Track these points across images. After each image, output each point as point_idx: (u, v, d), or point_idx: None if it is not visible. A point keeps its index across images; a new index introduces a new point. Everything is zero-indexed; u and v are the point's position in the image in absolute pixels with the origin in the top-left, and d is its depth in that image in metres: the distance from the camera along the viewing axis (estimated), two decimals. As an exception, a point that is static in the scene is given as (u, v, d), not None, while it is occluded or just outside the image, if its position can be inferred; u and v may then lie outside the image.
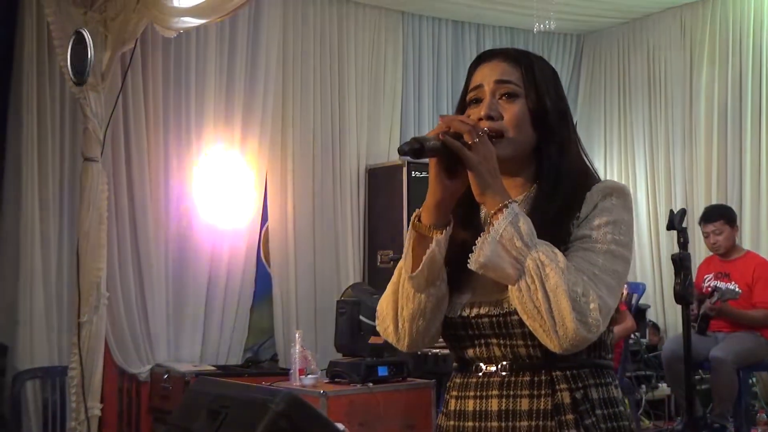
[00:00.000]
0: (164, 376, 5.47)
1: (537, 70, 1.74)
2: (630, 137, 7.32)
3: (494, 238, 1.52)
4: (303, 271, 6.32)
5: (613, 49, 7.51)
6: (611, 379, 1.67)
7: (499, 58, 1.75)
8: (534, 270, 1.51)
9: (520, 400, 1.62)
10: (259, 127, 6.18)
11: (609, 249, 1.58)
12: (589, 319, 1.50)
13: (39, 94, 5.33)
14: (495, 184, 1.57)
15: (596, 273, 1.55)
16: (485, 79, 1.72)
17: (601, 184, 1.66)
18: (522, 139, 1.68)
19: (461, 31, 7.23)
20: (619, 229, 1.61)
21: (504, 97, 1.70)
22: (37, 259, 5.26)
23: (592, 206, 1.63)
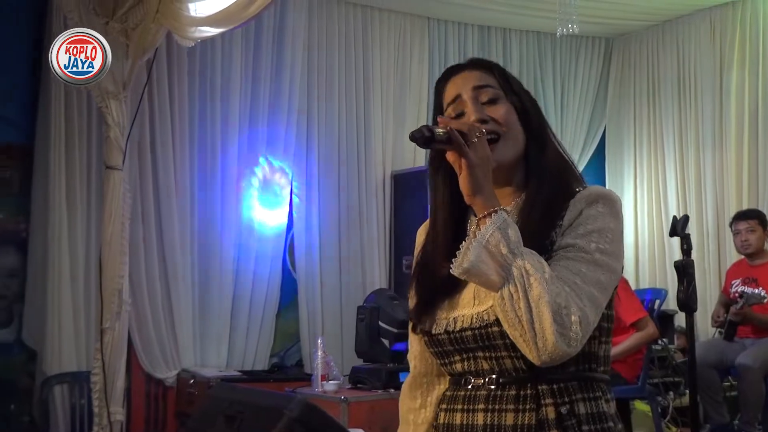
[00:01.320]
0: (190, 381, 5.52)
1: (506, 74, 1.74)
2: (660, 140, 7.24)
3: (480, 242, 1.49)
4: (328, 277, 6.34)
5: (642, 52, 7.43)
6: (602, 393, 1.63)
7: (468, 68, 1.73)
8: (518, 279, 1.48)
9: (505, 415, 1.58)
10: (284, 133, 6.22)
11: (593, 258, 1.55)
12: (570, 332, 1.47)
13: (66, 102, 5.41)
14: (487, 187, 1.55)
15: (578, 283, 1.52)
16: (462, 89, 1.70)
17: (587, 191, 1.63)
18: (517, 137, 1.68)
19: (487, 36, 7.21)
20: (604, 238, 1.58)
21: (487, 103, 1.68)
22: (65, 266, 5.34)
23: (577, 213, 1.60)
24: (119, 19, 4.51)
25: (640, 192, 7.36)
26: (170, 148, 5.76)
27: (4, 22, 5.39)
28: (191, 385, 5.49)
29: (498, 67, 1.75)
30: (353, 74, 6.57)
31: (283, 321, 6.25)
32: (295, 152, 6.29)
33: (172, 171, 5.76)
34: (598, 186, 1.67)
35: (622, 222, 1.64)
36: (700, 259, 6.76)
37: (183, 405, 5.56)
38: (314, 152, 6.37)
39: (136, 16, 4.44)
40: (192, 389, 5.46)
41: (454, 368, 1.68)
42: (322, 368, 4.99)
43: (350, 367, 5.25)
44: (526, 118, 1.69)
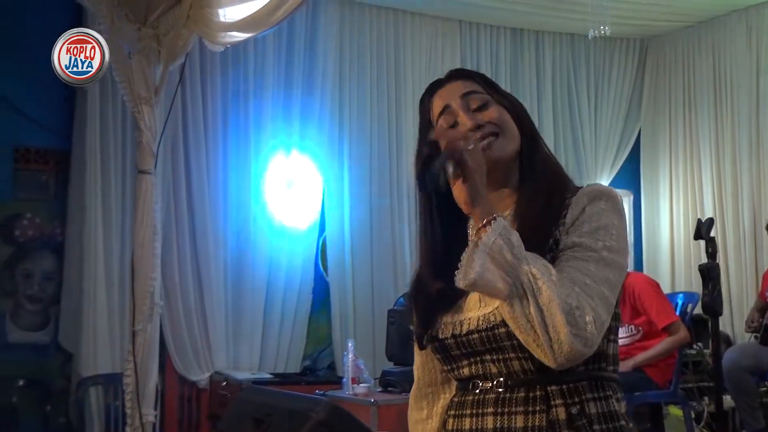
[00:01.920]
0: (222, 384, 5.56)
1: (489, 79, 1.75)
2: (696, 143, 7.16)
3: (483, 250, 1.47)
4: (360, 280, 6.36)
5: (678, 54, 7.36)
6: (612, 392, 1.61)
7: (451, 80, 1.74)
8: (526, 284, 1.47)
9: (515, 417, 1.57)
10: (316, 136, 6.26)
11: (601, 257, 1.54)
12: (586, 333, 1.45)
13: (102, 108, 5.50)
14: (485, 196, 1.55)
15: (588, 283, 1.50)
16: (450, 99, 1.69)
17: (588, 188, 1.63)
18: (514, 135, 1.68)
19: (520, 39, 7.18)
20: (610, 235, 1.56)
21: (477, 109, 1.67)
22: (100, 269, 5.42)
23: (579, 211, 1.59)
24: (151, 25, 4.55)
25: (676, 195, 7.29)
26: (203, 151, 5.83)
27: (40, 30, 5.47)
28: (224, 388, 5.53)
29: (479, 74, 1.76)
30: (385, 78, 6.59)
31: (315, 324, 6.28)
32: (327, 155, 6.32)
33: (205, 174, 5.82)
34: (598, 184, 1.67)
35: (625, 218, 1.63)
36: (737, 262, 6.69)
37: (215, 407, 5.61)
38: (346, 155, 6.40)
39: (168, 21, 4.48)
40: (224, 391, 5.50)
41: (462, 373, 1.68)
42: (352, 371, 5.01)
43: (381, 370, 5.27)
44: (518, 119, 1.70)
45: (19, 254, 5.48)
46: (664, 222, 7.35)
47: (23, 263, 5.48)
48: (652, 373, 4.85)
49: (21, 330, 5.44)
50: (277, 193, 6.13)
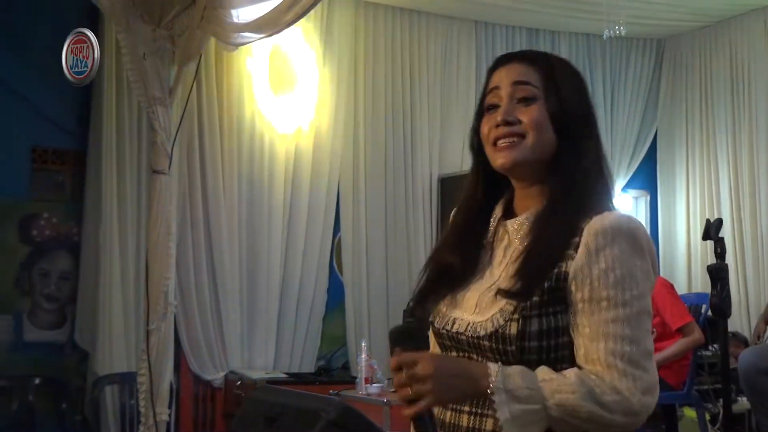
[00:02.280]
0: (237, 383, 5.58)
1: (558, 72, 1.67)
2: (713, 143, 7.12)
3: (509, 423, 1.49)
4: (375, 280, 6.37)
5: (695, 54, 7.32)
6: None
7: (516, 61, 1.69)
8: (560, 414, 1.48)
9: (486, 420, 1.57)
10: (331, 136, 6.26)
11: (632, 313, 1.52)
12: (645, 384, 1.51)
13: (117, 109, 5.54)
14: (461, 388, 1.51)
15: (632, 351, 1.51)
16: (502, 82, 1.66)
17: (599, 223, 1.56)
18: (542, 141, 1.63)
19: (535, 39, 7.16)
20: (635, 282, 1.53)
21: (521, 101, 1.64)
22: (116, 269, 5.46)
23: (594, 250, 1.54)
24: (166, 26, 4.58)
25: (693, 195, 7.25)
26: (218, 152, 5.85)
27: (57, 31, 5.51)
28: (238, 387, 5.55)
29: (546, 62, 1.69)
30: (399, 78, 6.59)
31: (329, 324, 6.30)
32: (342, 155, 6.33)
33: (221, 175, 5.84)
34: (614, 216, 1.58)
35: (646, 255, 1.58)
36: (754, 263, 6.65)
37: (230, 406, 5.63)
38: (360, 155, 6.40)
39: (182, 23, 4.52)
40: (239, 391, 5.52)
41: None
42: (366, 371, 5.02)
43: (395, 371, 5.27)
44: (562, 124, 1.64)
45: (36, 254, 5.53)
46: (680, 222, 7.32)
47: (40, 263, 5.53)
48: (666, 374, 4.82)
49: (37, 329, 5.49)
50: (291, 194, 6.13)
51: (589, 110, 1.69)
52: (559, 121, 1.64)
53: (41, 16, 5.43)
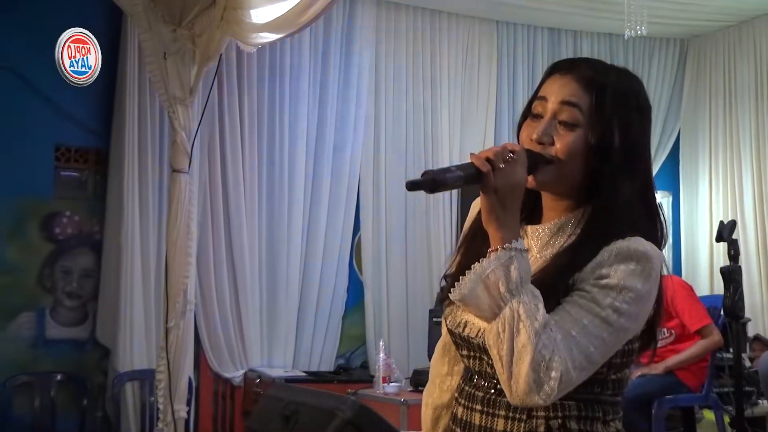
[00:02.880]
0: (256, 381, 5.61)
1: (610, 95, 1.58)
2: (736, 144, 7.06)
3: (479, 276, 1.46)
4: (395, 280, 6.38)
5: (718, 54, 7.26)
6: (601, 414, 1.58)
7: (573, 75, 1.60)
8: (508, 320, 1.44)
9: (497, 420, 1.58)
10: (351, 136, 6.28)
11: (603, 314, 1.47)
12: (545, 387, 1.42)
13: (139, 108, 5.58)
14: (504, 217, 1.48)
15: (574, 335, 1.45)
16: (552, 96, 1.60)
17: (622, 243, 1.51)
18: (568, 170, 1.57)
19: (557, 39, 7.15)
20: (623, 297, 1.48)
21: (563, 123, 1.58)
22: (137, 267, 5.50)
23: (602, 263, 1.51)
24: (186, 26, 4.62)
25: (716, 197, 7.19)
26: (239, 152, 5.88)
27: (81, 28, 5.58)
28: (257, 385, 5.58)
29: (602, 85, 1.59)
30: (421, 78, 6.59)
31: (349, 323, 6.32)
32: (363, 155, 6.35)
33: (241, 174, 5.88)
34: (639, 240, 1.52)
35: (653, 282, 1.52)
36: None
37: (249, 404, 5.66)
38: (381, 154, 6.42)
39: (202, 23, 4.56)
40: (258, 389, 5.55)
41: (464, 360, 1.70)
42: (383, 370, 5.04)
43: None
44: (601, 154, 1.57)
45: (58, 251, 5.59)
46: (703, 223, 7.26)
47: (62, 260, 5.59)
48: (684, 376, 4.80)
49: (60, 326, 5.55)
50: (311, 193, 6.15)
51: (636, 141, 1.60)
52: (597, 151, 1.57)
53: (64, 17, 5.47)
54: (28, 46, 5.35)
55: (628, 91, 1.61)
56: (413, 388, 5.09)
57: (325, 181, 6.19)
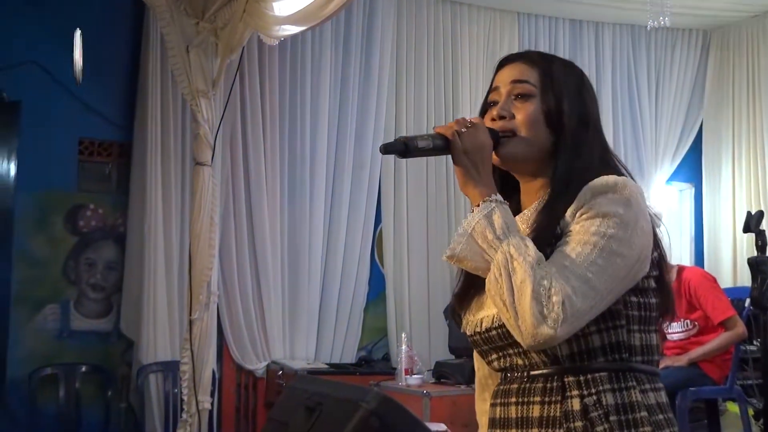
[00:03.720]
0: (279, 373, 5.64)
1: (556, 71, 1.72)
2: (760, 134, 7.01)
3: (466, 230, 1.54)
4: (416, 272, 6.38)
5: (742, 44, 7.21)
6: (636, 382, 1.58)
7: (518, 61, 1.75)
8: (502, 263, 1.49)
9: (532, 407, 1.60)
10: (372, 128, 6.29)
11: (590, 240, 1.50)
12: (551, 313, 1.44)
13: (162, 102, 5.61)
14: (479, 177, 1.59)
15: (566, 265, 1.49)
16: (503, 80, 1.73)
17: (594, 182, 1.57)
18: (534, 138, 1.67)
19: (579, 31, 7.11)
20: (607, 223, 1.52)
21: (518, 97, 1.69)
22: (160, 259, 5.53)
23: (579, 205, 1.56)
24: (209, 20, 4.64)
25: (739, 187, 7.15)
26: (261, 144, 5.89)
27: (105, 26, 5.62)
28: (280, 377, 5.60)
29: (545, 62, 1.74)
30: (442, 70, 6.58)
31: (370, 315, 6.33)
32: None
33: (263, 167, 5.89)
34: (609, 176, 1.59)
35: (636, 208, 1.55)
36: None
37: (272, 396, 5.69)
38: (403, 148, 6.40)
39: (225, 16, 4.57)
40: (280, 380, 5.58)
41: (494, 366, 1.71)
42: (406, 362, 5.05)
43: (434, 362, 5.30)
44: (558, 121, 1.67)
45: (82, 244, 5.63)
46: (726, 215, 7.22)
47: (86, 252, 5.63)
48: (708, 368, 4.79)
49: (84, 317, 5.60)
50: (333, 186, 6.16)
51: (587, 109, 1.71)
52: (555, 118, 1.67)
53: (87, 9, 5.52)
54: (51, 40, 5.39)
55: (570, 69, 1.75)
56: (436, 380, 5.11)
57: (346, 173, 6.20)
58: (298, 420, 2.35)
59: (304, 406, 2.35)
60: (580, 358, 1.57)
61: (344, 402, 2.20)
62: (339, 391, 2.36)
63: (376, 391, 2.18)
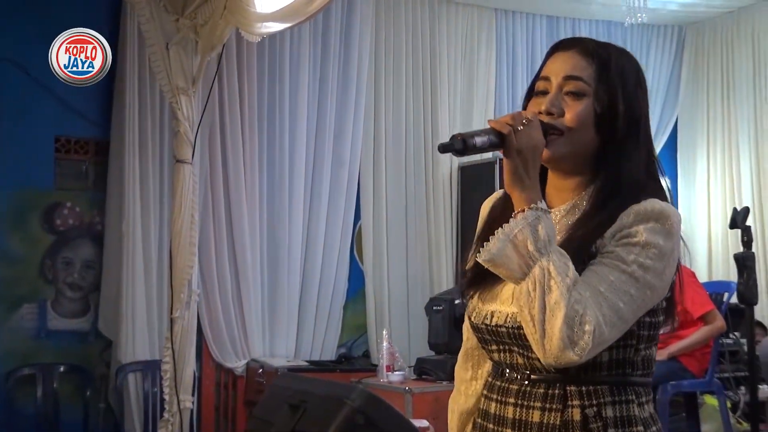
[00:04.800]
0: (259, 371, 5.62)
1: (613, 68, 1.63)
2: (734, 131, 7.07)
3: (507, 236, 1.49)
4: (395, 269, 6.38)
5: (716, 40, 7.27)
6: (634, 396, 1.60)
7: (574, 50, 1.64)
8: (539, 278, 1.46)
9: (532, 412, 1.59)
10: (351, 125, 6.26)
11: (628, 270, 1.50)
12: (581, 341, 1.44)
13: (140, 99, 5.56)
14: (528, 179, 1.52)
15: (602, 291, 1.48)
16: (555, 72, 1.64)
17: (639, 206, 1.55)
18: (580, 140, 1.61)
19: (556, 27, 7.13)
20: (647, 253, 1.51)
21: (569, 94, 1.62)
22: (138, 258, 5.49)
23: (621, 227, 1.54)
24: (189, 16, 4.60)
25: (713, 183, 7.22)
26: (240, 142, 5.86)
27: (81, 21, 5.54)
28: (260, 375, 5.58)
29: (604, 56, 1.64)
30: (420, 67, 6.58)
31: (350, 312, 6.32)
32: (363, 144, 6.34)
33: (242, 165, 5.86)
34: (655, 201, 1.57)
35: (674, 240, 1.55)
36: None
37: (252, 394, 5.66)
38: (381, 143, 6.41)
39: (205, 12, 4.53)
40: (261, 378, 5.56)
41: (493, 357, 1.71)
42: (387, 359, 5.04)
43: (416, 359, 5.30)
44: (609, 123, 1.61)
45: (59, 243, 5.58)
46: (701, 210, 7.28)
47: (64, 251, 5.58)
48: (688, 362, 4.83)
49: (61, 317, 5.55)
50: (312, 183, 6.15)
51: (639, 112, 1.65)
52: (604, 120, 1.61)
53: (63, 6, 5.46)
54: (27, 38, 5.33)
55: (628, 63, 1.66)
56: (417, 377, 5.11)
57: (325, 170, 6.18)
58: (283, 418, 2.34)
59: (288, 404, 2.34)
60: (584, 371, 1.56)
61: (329, 399, 2.20)
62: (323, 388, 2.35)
63: (361, 389, 2.18)
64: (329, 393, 2.21)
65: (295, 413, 2.28)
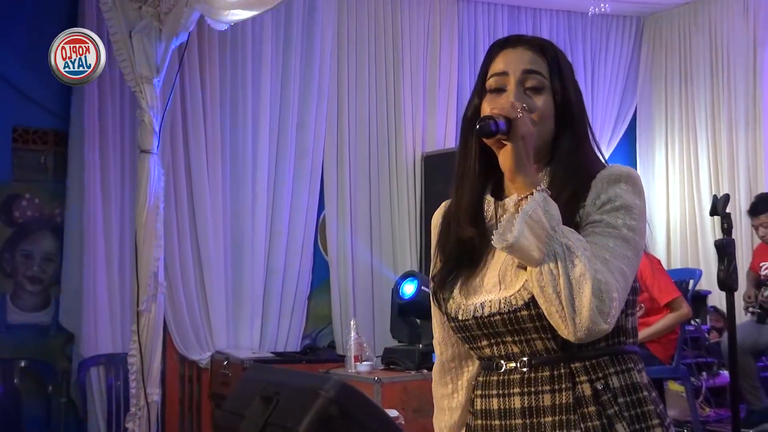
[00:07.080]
0: (224, 363, 5.56)
1: (561, 61, 1.72)
2: (692, 120, 7.17)
3: (523, 218, 1.50)
4: (360, 259, 6.36)
5: (674, 31, 7.35)
6: (633, 364, 1.65)
7: (525, 46, 1.72)
8: (560, 256, 1.50)
9: (543, 396, 1.60)
10: (314, 115, 6.23)
11: (621, 234, 1.57)
12: (610, 310, 1.49)
13: (100, 88, 5.46)
14: (529, 164, 1.57)
15: (608, 258, 1.53)
16: (511, 67, 1.69)
17: (607, 170, 1.64)
18: (543, 132, 1.67)
19: (517, 16, 7.16)
20: (630, 214, 1.58)
21: (530, 89, 1.68)
22: (100, 249, 5.41)
23: (598, 193, 1.61)
24: (152, 3, 4.53)
25: (672, 172, 7.31)
26: (202, 133, 5.79)
27: (38, 7, 5.45)
28: (225, 367, 5.53)
29: (553, 52, 1.73)
30: (383, 55, 6.55)
31: (315, 303, 6.29)
32: (326, 135, 6.31)
33: (204, 155, 5.79)
34: (618, 165, 1.68)
35: (644, 199, 1.64)
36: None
37: (217, 386, 5.61)
38: (344, 133, 6.38)
39: (169, 0, 4.47)
40: (226, 371, 5.51)
41: (483, 353, 1.70)
42: (355, 349, 5.02)
43: (382, 349, 5.29)
44: (564, 111, 1.69)
45: (18, 235, 5.47)
46: (660, 199, 7.37)
47: (23, 244, 5.48)
48: (655, 349, 4.89)
49: (21, 311, 5.45)
50: (275, 173, 6.10)
51: (580, 96, 1.75)
52: (562, 110, 1.69)
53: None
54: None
55: (563, 56, 1.77)
56: (385, 367, 5.10)
57: (288, 160, 6.13)
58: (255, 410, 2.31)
59: (260, 396, 2.31)
60: (585, 345, 1.59)
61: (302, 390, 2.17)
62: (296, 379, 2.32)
63: (335, 379, 2.15)
64: (302, 384, 2.18)
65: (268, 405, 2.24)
